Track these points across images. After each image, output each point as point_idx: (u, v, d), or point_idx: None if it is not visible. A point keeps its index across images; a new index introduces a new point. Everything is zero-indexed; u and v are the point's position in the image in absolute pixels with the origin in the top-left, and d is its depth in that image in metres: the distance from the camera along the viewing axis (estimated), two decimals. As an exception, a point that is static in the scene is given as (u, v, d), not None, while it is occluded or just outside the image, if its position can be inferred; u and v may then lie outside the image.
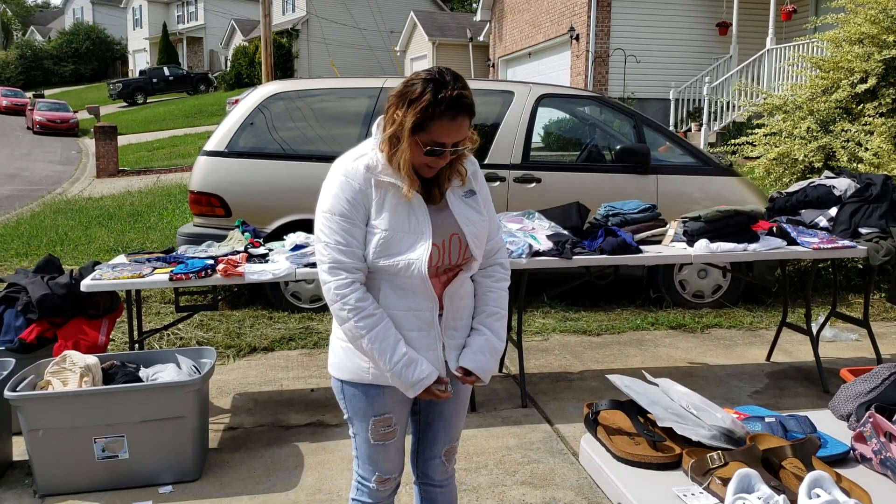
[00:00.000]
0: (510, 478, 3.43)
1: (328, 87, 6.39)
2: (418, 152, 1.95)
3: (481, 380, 2.11)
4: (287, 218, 5.75)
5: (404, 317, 2.04)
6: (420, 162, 1.98)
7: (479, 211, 2.12)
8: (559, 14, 16.90)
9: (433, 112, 1.90)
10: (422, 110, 1.90)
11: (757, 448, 1.60)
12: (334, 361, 2.17)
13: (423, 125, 1.92)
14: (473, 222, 2.08)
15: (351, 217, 1.98)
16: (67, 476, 3.26)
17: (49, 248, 8.28)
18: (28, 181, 17.95)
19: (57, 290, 3.94)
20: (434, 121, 1.91)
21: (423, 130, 1.92)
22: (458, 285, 2.10)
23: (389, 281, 2.03)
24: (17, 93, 38.55)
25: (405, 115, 1.92)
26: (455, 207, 2.07)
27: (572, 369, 4.93)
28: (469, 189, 2.12)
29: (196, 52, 48.85)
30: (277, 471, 3.50)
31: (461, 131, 1.95)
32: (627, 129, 6.61)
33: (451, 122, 1.92)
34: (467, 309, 2.17)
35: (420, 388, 2.01)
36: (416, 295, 2.04)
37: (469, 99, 1.94)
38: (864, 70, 7.12)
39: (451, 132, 1.93)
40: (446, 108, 1.90)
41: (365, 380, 2.10)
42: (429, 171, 2.02)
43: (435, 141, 1.93)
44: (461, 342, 2.15)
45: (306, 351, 5.27)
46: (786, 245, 4.22)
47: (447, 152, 1.96)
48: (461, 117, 1.93)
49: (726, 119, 13.52)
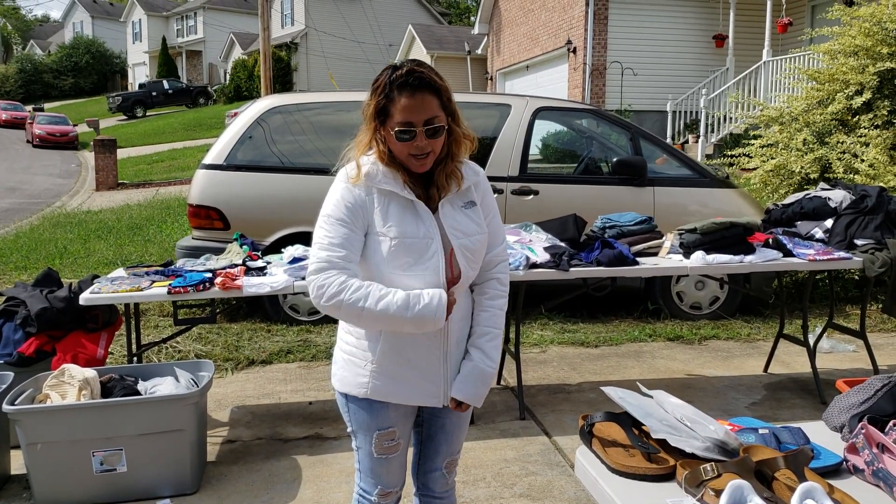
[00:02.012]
0: (508, 490, 3.43)
1: (326, 100, 6.43)
2: (395, 143, 1.96)
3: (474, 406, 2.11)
4: (285, 231, 5.77)
5: (411, 335, 2.02)
6: (402, 152, 1.97)
7: (478, 223, 2.08)
8: (556, 27, 16.98)
9: (390, 92, 1.94)
10: (380, 92, 1.95)
11: (750, 459, 1.61)
12: (337, 374, 2.15)
13: (387, 110, 1.95)
14: (468, 235, 2.05)
15: (349, 223, 1.98)
16: (66, 490, 3.26)
17: (48, 262, 8.29)
18: (27, 194, 17.97)
19: (56, 303, 3.95)
20: (393, 103, 1.94)
21: (389, 116, 1.96)
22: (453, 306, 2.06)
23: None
24: (17, 106, 38.65)
25: (371, 103, 1.98)
26: (446, 218, 2.04)
27: (570, 381, 4.94)
28: (469, 200, 2.10)
29: (195, 66, 49.03)
30: (275, 484, 3.50)
31: (426, 108, 1.94)
32: (624, 141, 6.64)
33: (410, 99, 1.93)
34: (462, 332, 2.13)
35: (441, 316, 1.95)
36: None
37: (426, 75, 1.95)
38: (860, 82, 7.16)
39: (414, 108, 1.93)
40: (401, 84, 1.93)
41: (364, 394, 2.08)
42: (416, 163, 1.99)
43: (401, 122, 1.94)
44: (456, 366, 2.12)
45: (304, 364, 5.27)
46: (782, 257, 4.23)
47: (419, 132, 1.94)
48: (420, 93, 1.93)
49: (723, 131, 13.58)
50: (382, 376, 2.06)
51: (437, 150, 2.00)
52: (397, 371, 2.06)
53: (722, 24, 15.29)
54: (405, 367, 2.06)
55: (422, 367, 2.07)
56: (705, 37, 15.69)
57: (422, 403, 2.12)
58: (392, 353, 2.05)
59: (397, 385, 2.06)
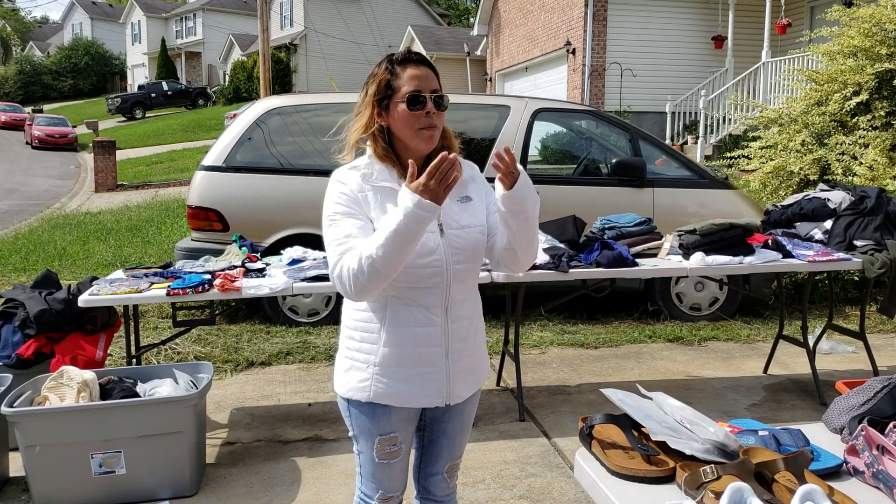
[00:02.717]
0: (508, 492, 3.43)
1: (326, 101, 6.42)
2: (405, 115, 1.96)
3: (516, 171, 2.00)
4: (284, 232, 5.77)
5: (413, 333, 2.01)
6: (412, 127, 1.97)
7: (474, 216, 2.07)
8: (556, 28, 16.99)
9: (392, 68, 1.98)
10: (383, 71, 1.99)
11: (750, 462, 1.61)
12: (339, 379, 2.13)
13: (391, 86, 1.97)
14: (463, 227, 2.04)
15: (353, 211, 1.97)
16: (64, 492, 3.25)
17: (47, 263, 8.29)
18: (27, 196, 17.96)
19: (55, 305, 3.95)
20: (398, 77, 1.97)
21: (395, 90, 1.97)
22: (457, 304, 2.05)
23: (399, 296, 2.00)
24: (16, 108, 38.61)
25: (369, 90, 2.00)
26: (443, 211, 2.01)
27: (570, 382, 4.93)
28: (465, 195, 2.09)
29: (194, 67, 49.04)
30: (275, 486, 3.50)
31: (430, 80, 1.98)
32: (623, 142, 6.64)
33: (415, 70, 1.97)
34: (468, 331, 2.10)
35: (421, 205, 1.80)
36: (426, 310, 2.00)
37: (424, 56, 2.01)
38: (858, 83, 7.16)
39: (421, 78, 1.97)
40: (404, 59, 1.98)
41: (367, 398, 2.05)
42: (426, 136, 1.98)
43: (410, 91, 1.95)
44: (466, 365, 2.10)
45: (304, 365, 5.27)
46: (781, 258, 4.23)
47: (428, 100, 1.96)
48: (423, 67, 1.98)
49: (722, 132, 13.58)
50: (385, 378, 2.03)
51: (440, 126, 2.02)
52: (399, 372, 2.03)
53: (721, 26, 15.30)
54: (407, 368, 2.03)
55: (424, 367, 2.04)
56: (704, 38, 15.69)
57: (425, 405, 2.09)
58: (394, 353, 2.02)
59: (400, 387, 2.04)
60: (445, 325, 2.03)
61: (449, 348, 2.06)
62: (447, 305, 2.03)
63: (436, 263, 1.99)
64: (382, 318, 2.02)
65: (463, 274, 2.05)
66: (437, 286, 2.01)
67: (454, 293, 2.04)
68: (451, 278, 2.02)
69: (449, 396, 2.10)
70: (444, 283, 2.01)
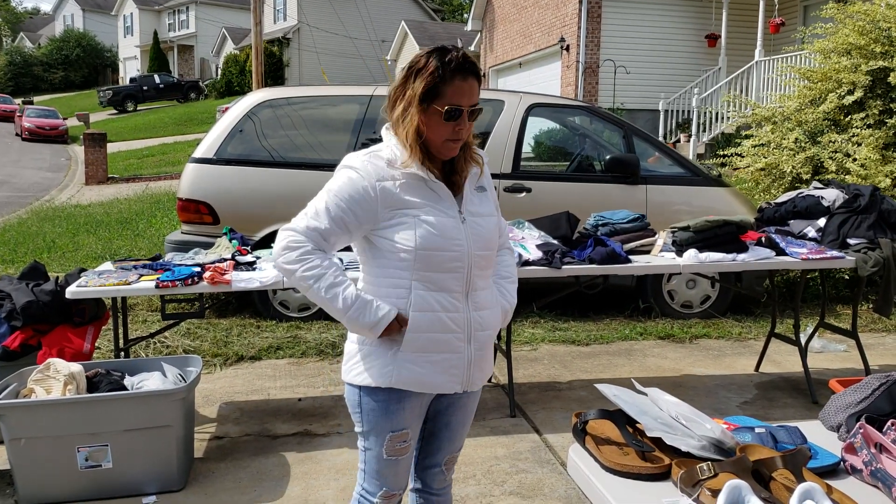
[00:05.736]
0: (498, 488, 3.40)
1: (317, 94, 6.38)
2: (438, 124, 1.95)
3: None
4: (275, 226, 5.71)
5: (438, 318, 2.02)
6: (441, 137, 1.97)
7: (489, 206, 2.12)
8: (549, 25, 16.96)
9: (443, 74, 1.93)
10: (431, 74, 1.93)
11: (747, 459, 1.59)
12: (354, 368, 2.09)
13: (436, 90, 1.94)
14: (482, 215, 2.08)
15: (345, 218, 1.97)
16: (50, 486, 3.21)
17: (36, 255, 8.22)
18: (16, 188, 17.83)
19: (42, 296, 3.90)
20: (446, 84, 1.94)
21: (438, 96, 1.94)
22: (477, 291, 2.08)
23: (420, 280, 2.00)
24: (6, 99, 38.34)
25: (414, 85, 1.95)
26: (465, 202, 2.06)
27: (561, 379, 4.91)
28: (480, 185, 2.13)
29: (187, 60, 48.77)
30: (263, 481, 3.47)
31: (473, 94, 1.98)
32: (617, 139, 6.62)
33: (462, 83, 1.95)
34: (488, 321, 2.12)
35: (381, 328, 1.98)
36: (448, 295, 2.02)
37: (475, 63, 1.99)
38: (852, 81, 7.16)
39: (465, 93, 1.96)
40: (455, 68, 1.94)
41: (388, 384, 2.03)
42: (451, 147, 2.00)
43: (452, 103, 1.94)
44: (484, 355, 2.14)
45: (294, 360, 5.23)
46: (774, 255, 4.22)
47: (465, 114, 1.96)
48: (471, 79, 1.97)
49: (715, 130, 13.59)
50: (408, 364, 2.03)
51: (466, 137, 2.04)
52: (423, 357, 2.03)
53: (714, 24, 15.30)
54: (432, 353, 2.04)
55: (449, 353, 2.05)
56: (698, 36, 15.70)
57: (446, 391, 2.10)
58: (419, 338, 2.02)
59: (423, 371, 2.03)
60: (468, 311, 2.06)
61: (472, 335, 2.08)
62: (467, 290, 2.05)
63: (458, 247, 2.01)
64: (406, 303, 2.02)
65: (483, 261, 2.08)
66: (457, 270, 2.02)
67: (475, 279, 2.06)
68: (472, 264, 2.04)
69: (468, 383, 2.12)
70: (466, 268, 2.03)
